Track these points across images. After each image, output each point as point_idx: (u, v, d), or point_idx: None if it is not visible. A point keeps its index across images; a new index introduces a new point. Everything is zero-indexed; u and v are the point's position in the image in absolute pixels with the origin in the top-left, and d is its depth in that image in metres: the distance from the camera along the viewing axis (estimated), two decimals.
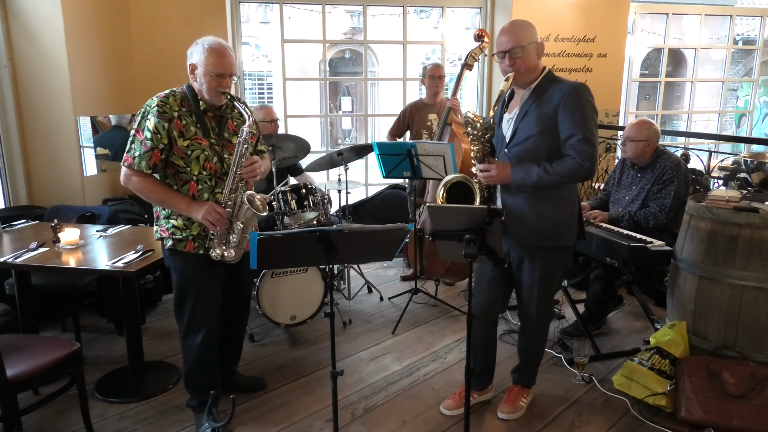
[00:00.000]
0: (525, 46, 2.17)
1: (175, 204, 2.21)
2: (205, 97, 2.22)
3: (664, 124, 15.82)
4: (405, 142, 3.58)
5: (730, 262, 2.51)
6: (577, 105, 2.13)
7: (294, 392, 2.77)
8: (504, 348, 3.22)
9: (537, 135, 2.20)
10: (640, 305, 3.23)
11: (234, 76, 2.23)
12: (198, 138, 2.21)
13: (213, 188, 2.25)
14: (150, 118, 2.15)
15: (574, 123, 2.13)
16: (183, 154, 2.19)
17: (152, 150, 2.15)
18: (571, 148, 2.14)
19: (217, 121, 2.29)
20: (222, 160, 2.26)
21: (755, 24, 6.71)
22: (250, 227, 2.28)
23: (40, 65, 3.77)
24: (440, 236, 1.97)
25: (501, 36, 2.21)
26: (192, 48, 2.20)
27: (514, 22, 2.25)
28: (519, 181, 2.22)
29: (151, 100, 2.19)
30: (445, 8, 5.37)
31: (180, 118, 2.18)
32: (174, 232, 2.26)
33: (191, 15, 4.54)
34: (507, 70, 2.20)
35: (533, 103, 2.22)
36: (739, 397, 2.36)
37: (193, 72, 2.20)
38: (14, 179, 3.87)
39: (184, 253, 2.27)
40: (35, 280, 3.06)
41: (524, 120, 2.23)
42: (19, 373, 2.04)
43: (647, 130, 3.17)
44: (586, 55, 5.28)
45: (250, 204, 2.19)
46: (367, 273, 4.39)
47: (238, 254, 2.26)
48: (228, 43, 2.22)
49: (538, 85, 2.23)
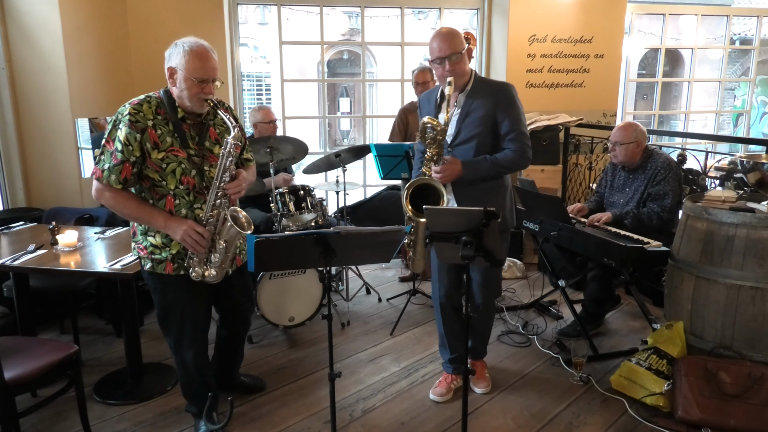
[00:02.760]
0: (461, 52, 2.37)
1: (152, 221, 2.05)
2: (185, 104, 2.03)
3: (662, 124, 15.87)
4: (402, 144, 3.59)
5: (726, 262, 2.51)
6: (512, 104, 2.41)
7: (292, 394, 2.78)
8: (503, 348, 3.23)
9: (480, 133, 2.42)
10: (637, 305, 3.24)
11: (217, 81, 2.06)
12: (174, 150, 2.03)
13: (191, 204, 2.08)
14: (121, 128, 1.96)
15: (512, 120, 2.40)
16: (157, 168, 2.01)
17: (123, 163, 1.97)
18: (512, 142, 2.41)
19: (198, 129, 2.10)
20: (202, 173, 2.09)
21: (752, 24, 6.72)
22: (234, 246, 2.14)
23: (37, 67, 3.77)
24: (437, 238, 1.98)
25: (440, 43, 2.36)
26: (170, 49, 2.01)
27: (450, 30, 2.41)
28: (470, 175, 2.41)
29: (123, 107, 2.01)
30: (443, 9, 5.38)
31: (155, 128, 2.00)
32: (152, 252, 2.12)
33: (189, 16, 4.54)
34: (446, 74, 2.36)
35: (472, 104, 2.42)
36: (736, 396, 2.37)
37: (172, 76, 2.01)
38: (12, 181, 3.87)
39: (164, 275, 2.13)
40: (33, 282, 3.06)
41: (467, 120, 2.44)
42: (17, 375, 2.04)
43: (634, 132, 3.21)
44: (583, 56, 5.28)
45: (234, 222, 2.05)
46: (366, 274, 4.39)
47: (220, 274, 2.12)
48: (209, 45, 2.05)
49: (473, 87, 2.44)
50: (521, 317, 3.64)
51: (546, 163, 4.77)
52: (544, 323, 3.53)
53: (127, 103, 2.02)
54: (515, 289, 4.17)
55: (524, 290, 4.12)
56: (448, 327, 2.73)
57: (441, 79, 2.44)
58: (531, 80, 5.23)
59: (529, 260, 4.76)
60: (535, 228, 3.34)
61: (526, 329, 3.46)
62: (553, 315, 3.66)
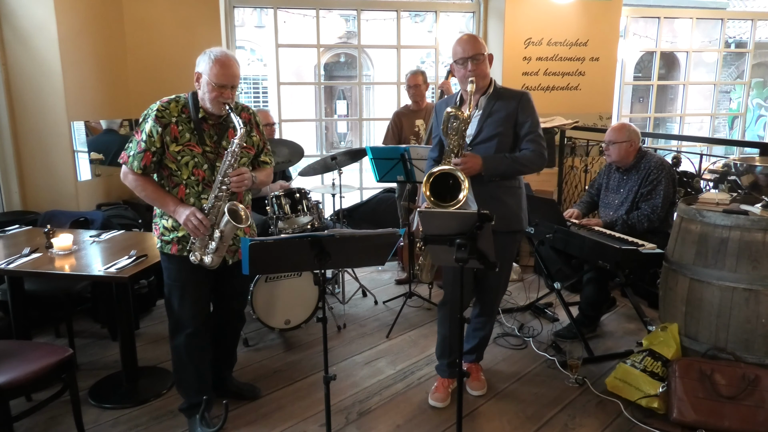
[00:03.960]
0: (484, 53, 2.45)
1: (164, 204, 2.29)
2: (206, 105, 2.26)
3: (658, 127, 15.89)
4: (398, 147, 3.59)
5: (720, 264, 2.53)
6: (532, 109, 2.52)
7: (288, 397, 2.77)
8: (498, 351, 3.23)
9: (502, 133, 2.49)
10: (633, 307, 3.25)
11: (235, 88, 2.28)
12: (191, 144, 2.26)
13: (199, 194, 2.30)
14: (148, 121, 2.23)
15: (531, 123, 2.50)
16: (174, 159, 2.26)
17: (144, 152, 2.23)
18: (530, 143, 2.49)
19: (217, 130, 2.34)
20: (213, 168, 2.30)
21: (746, 27, 6.76)
22: (231, 237, 2.30)
23: (33, 70, 3.76)
24: (432, 241, 1.98)
25: (464, 45, 2.44)
26: (200, 57, 2.26)
27: (472, 35, 2.53)
28: (490, 170, 2.43)
29: (155, 104, 2.28)
30: (439, 12, 5.40)
31: (177, 124, 2.25)
32: (163, 233, 2.35)
33: (185, 19, 4.54)
34: (468, 74, 2.42)
35: (494, 105, 2.50)
36: (731, 398, 2.38)
37: (198, 80, 2.26)
38: (7, 184, 3.86)
39: (170, 254, 2.34)
40: (28, 285, 3.05)
41: (488, 120, 2.50)
42: (11, 379, 2.03)
43: (627, 131, 3.28)
44: (578, 59, 5.31)
45: (232, 214, 2.21)
46: (362, 277, 4.40)
47: (216, 262, 2.28)
48: (234, 55, 2.29)
49: (495, 90, 2.53)
50: (517, 320, 3.65)
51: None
52: (539, 326, 3.54)
53: (159, 101, 2.29)
54: (511, 291, 4.18)
55: (520, 293, 4.13)
56: (453, 331, 2.66)
57: (462, 80, 2.47)
58: (527, 83, 5.25)
59: (525, 263, 4.78)
60: (531, 230, 3.36)
61: (521, 332, 3.47)
62: (549, 317, 3.67)
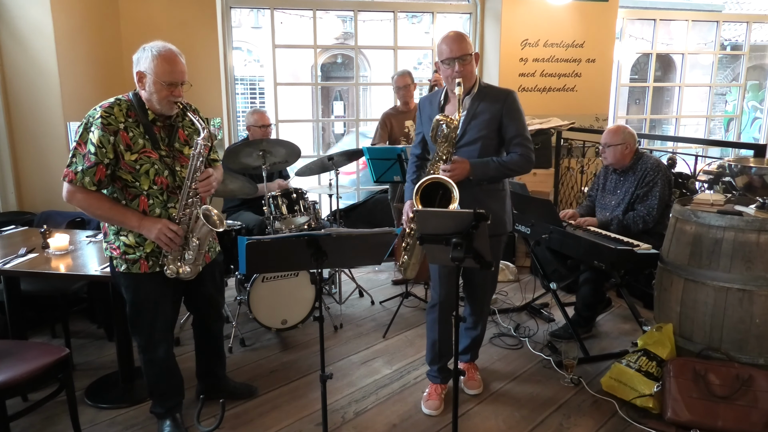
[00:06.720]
0: (471, 54, 2.40)
1: (126, 221, 2.07)
2: (155, 107, 2.09)
3: (653, 128, 15.94)
4: (395, 147, 3.60)
5: (714, 264, 2.54)
6: (517, 110, 2.46)
7: (284, 396, 2.78)
8: (494, 351, 3.24)
9: (486, 136, 2.45)
10: (628, 307, 3.26)
11: (184, 84, 2.11)
12: (147, 151, 2.08)
13: (165, 203, 2.13)
14: (93, 131, 2.00)
15: (517, 126, 2.45)
16: (131, 169, 2.06)
17: (96, 165, 2.00)
18: (517, 146, 2.45)
19: (167, 131, 2.16)
20: (174, 173, 2.14)
21: (742, 29, 6.79)
22: (207, 243, 2.20)
23: (29, 70, 3.76)
24: (428, 240, 1.99)
25: (451, 44, 2.38)
26: (138, 54, 2.06)
27: (459, 33, 2.43)
28: (478, 175, 2.42)
29: (94, 110, 2.04)
30: (436, 14, 5.41)
31: (126, 130, 2.04)
32: (126, 251, 2.13)
33: (182, 20, 4.55)
34: (455, 75, 2.38)
35: (479, 106, 2.45)
36: (725, 398, 2.39)
37: (141, 80, 2.07)
38: (3, 185, 3.86)
39: (139, 274, 2.15)
40: (24, 285, 3.05)
41: (473, 122, 2.46)
42: (7, 379, 2.03)
43: (623, 134, 3.29)
44: (574, 61, 5.33)
45: (206, 219, 2.09)
46: (359, 277, 4.40)
47: (194, 271, 2.17)
48: (177, 49, 2.10)
49: (479, 91, 2.47)
50: (513, 320, 3.66)
51: (538, 167, 4.77)
52: (535, 326, 3.55)
53: (98, 106, 2.06)
54: (507, 291, 4.19)
55: (516, 293, 4.14)
56: (444, 334, 2.66)
57: (448, 80, 2.44)
58: (523, 84, 5.27)
59: (521, 263, 4.79)
60: (527, 231, 3.37)
61: (517, 331, 3.48)
62: (545, 317, 3.68)
